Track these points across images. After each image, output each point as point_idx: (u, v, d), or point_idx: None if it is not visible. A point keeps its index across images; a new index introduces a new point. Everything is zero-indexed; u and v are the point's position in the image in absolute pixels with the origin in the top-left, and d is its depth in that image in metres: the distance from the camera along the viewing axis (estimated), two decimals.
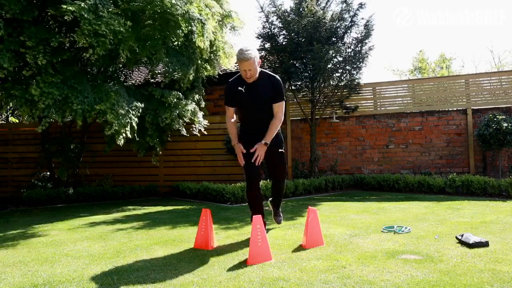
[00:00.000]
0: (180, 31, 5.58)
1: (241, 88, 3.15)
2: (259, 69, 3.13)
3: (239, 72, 3.17)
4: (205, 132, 7.36)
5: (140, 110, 5.92)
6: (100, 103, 5.27)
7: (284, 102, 3.26)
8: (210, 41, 6.31)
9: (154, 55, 5.79)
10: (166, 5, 5.12)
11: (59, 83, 5.13)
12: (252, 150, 3.13)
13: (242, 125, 3.42)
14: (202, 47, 5.98)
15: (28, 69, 5.13)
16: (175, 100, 6.48)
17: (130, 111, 5.64)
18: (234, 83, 3.21)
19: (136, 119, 5.71)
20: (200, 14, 5.65)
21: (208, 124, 7.53)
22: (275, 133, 3.25)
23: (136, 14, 5.46)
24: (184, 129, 7.01)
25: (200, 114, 7.02)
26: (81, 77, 5.42)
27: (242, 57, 2.98)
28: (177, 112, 6.50)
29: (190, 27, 5.57)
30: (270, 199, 3.70)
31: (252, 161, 3.11)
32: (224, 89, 3.31)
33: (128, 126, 5.52)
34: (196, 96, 7.30)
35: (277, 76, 3.23)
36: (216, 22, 6.41)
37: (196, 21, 5.55)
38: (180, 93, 6.73)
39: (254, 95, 3.15)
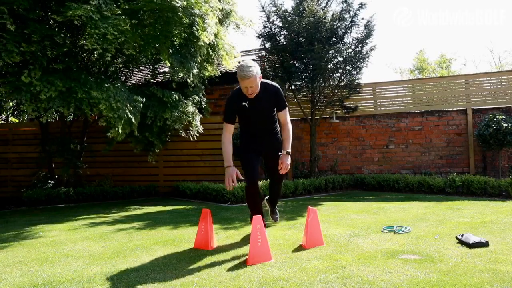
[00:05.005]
0: (182, 28, 5.57)
1: (245, 103, 3.09)
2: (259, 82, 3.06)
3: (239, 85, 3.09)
4: (202, 131, 7.36)
5: (141, 106, 5.94)
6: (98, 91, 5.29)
7: (287, 108, 3.29)
8: (212, 39, 6.30)
9: (157, 55, 5.78)
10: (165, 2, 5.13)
11: (61, 75, 5.15)
12: (281, 168, 3.14)
13: (243, 130, 3.39)
14: (207, 42, 5.96)
15: (32, 61, 5.15)
16: (176, 100, 6.48)
17: (128, 105, 5.63)
18: (236, 99, 3.10)
19: (135, 114, 5.72)
20: (200, 10, 5.65)
21: (208, 124, 7.54)
22: (278, 138, 3.34)
23: (137, 13, 5.47)
24: (183, 131, 7.05)
25: (198, 118, 7.01)
26: (83, 72, 5.46)
27: (243, 74, 2.87)
28: (178, 113, 6.50)
29: (191, 22, 5.54)
30: (267, 197, 3.78)
31: (281, 172, 3.16)
32: (225, 104, 3.18)
33: (123, 120, 5.51)
34: (197, 98, 7.30)
35: (276, 85, 3.18)
36: (217, 17, 6.38)
37: (197, 16, 5.55)
38: (181, 95, 6.74)
39: (258, 109, 3.14)
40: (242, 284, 2.21)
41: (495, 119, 6.94)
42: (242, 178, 3.00)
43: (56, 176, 7.52)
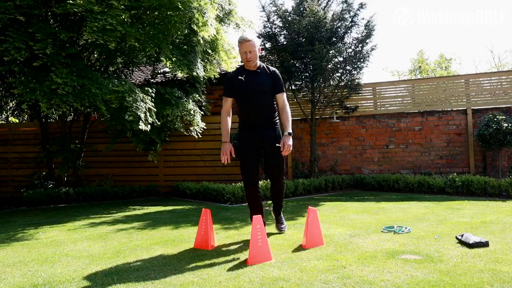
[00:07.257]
0: (182, 24, 5.58)
1: (241, 77, 3.22)
2: (258, 59, 3.23)
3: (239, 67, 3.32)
4: (205, 127, 7.37)
5: (152, 100, 6.02)
6: (118, 86, 5.38)
7: (285, 93, 3.34)
8: (213, 34, 6.30)
9: (158, 54, 5.79)
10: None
11: (73, 74, 5.21)
12: (283, 150, 3.14)
13: (241, 122, 3.36)
14: (207, 37, 5.98)
15: (40, 60, 5.16)
16: (177, 97, 6.52)
17: (146, 96, 5.80)
18: (235, 74, 3.30)
19: (152, 104, 5.79)
20: (199, 4, 5.65)
21: (208, 124, 7.54)
22: (277, 129, 3.32)
23: (136, 9, 5.48)
24: (184, 130, 7.06)
25: (198, 116, 7.02)
26: (90, 70, 5.51)
27: (243, 38, 3.10)
28: (179, 110, 6.52)
29: (190, 16, 5.54)
30: (271, 209, 3.65)
31: (283, 153, 3.16)
32: (225, 81, 3.37)
33: (147, 112, 5.62)
34: (197, 96, 7.31)
35: (275, 68, 3.35)
36: (216, 9, 6.38)
37: (196, 11, 5.55)
38: (183, 93, 6.77)
39: (253, 83, 3.20)
40: (242, 284, 2.21)
41: (495, 119, 6.94)
42: (234, 156, 3.26)
43: (56, 176, 7.52)
